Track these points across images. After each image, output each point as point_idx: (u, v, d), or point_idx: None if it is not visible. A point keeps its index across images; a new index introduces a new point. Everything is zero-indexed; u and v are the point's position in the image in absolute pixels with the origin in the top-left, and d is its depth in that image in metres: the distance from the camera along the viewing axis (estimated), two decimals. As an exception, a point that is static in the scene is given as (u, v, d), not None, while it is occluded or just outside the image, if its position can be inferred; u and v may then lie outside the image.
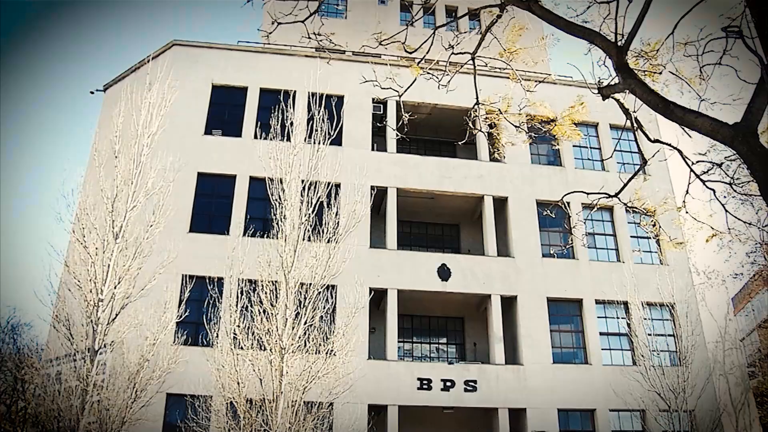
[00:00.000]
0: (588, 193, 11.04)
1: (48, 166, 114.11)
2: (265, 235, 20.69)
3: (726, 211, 10.61)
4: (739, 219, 11.28)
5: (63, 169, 35.95)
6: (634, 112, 10.25)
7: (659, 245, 28.10)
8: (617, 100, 9.94)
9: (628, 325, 25.74)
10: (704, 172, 10.45)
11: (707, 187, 10.27)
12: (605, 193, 10.60)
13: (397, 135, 21.88)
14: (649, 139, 10.12)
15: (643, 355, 23.76)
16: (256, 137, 24.02)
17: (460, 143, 21.60)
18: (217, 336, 19.26)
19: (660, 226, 11.98)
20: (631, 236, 28.68)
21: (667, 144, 10.16)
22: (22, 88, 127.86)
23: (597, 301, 26.84)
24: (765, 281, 37.61)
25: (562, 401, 24.88)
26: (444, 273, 25.78)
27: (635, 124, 10.05)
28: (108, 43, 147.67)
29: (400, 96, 10.36)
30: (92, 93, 29.87)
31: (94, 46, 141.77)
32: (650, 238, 28.24)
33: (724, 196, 11.20)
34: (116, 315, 18.54)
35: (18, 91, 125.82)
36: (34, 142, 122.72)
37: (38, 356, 19.46)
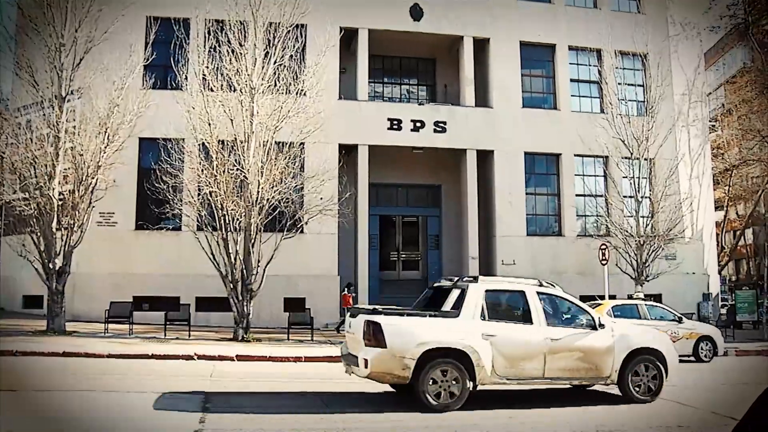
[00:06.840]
0: None
1: None
2: (230, -28, 19.75)
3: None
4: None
5: None
6: None
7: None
8: None
9: (600, 72, 25.75)
10: None
11: None
12: None
13: None
14: None
15: (611, 103, 24.06)
16: None
17: None
18: (186, 78, 19.12)
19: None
20: (610, -19, 27.77)
21: None
22: None
23: (570, 47, 26.65)
24: (741, 36, 37.19)
25: (530, 145, 25.54)
26: (416, 12, 25.04)
27: None
28: None
29: None
30: None
31: None
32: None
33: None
34: (80, 60, 18.27)
35: None
36: None
37: (4, 105, 19.33)
